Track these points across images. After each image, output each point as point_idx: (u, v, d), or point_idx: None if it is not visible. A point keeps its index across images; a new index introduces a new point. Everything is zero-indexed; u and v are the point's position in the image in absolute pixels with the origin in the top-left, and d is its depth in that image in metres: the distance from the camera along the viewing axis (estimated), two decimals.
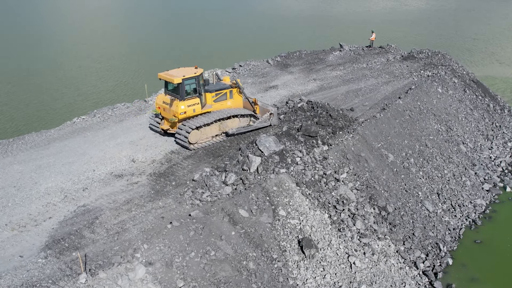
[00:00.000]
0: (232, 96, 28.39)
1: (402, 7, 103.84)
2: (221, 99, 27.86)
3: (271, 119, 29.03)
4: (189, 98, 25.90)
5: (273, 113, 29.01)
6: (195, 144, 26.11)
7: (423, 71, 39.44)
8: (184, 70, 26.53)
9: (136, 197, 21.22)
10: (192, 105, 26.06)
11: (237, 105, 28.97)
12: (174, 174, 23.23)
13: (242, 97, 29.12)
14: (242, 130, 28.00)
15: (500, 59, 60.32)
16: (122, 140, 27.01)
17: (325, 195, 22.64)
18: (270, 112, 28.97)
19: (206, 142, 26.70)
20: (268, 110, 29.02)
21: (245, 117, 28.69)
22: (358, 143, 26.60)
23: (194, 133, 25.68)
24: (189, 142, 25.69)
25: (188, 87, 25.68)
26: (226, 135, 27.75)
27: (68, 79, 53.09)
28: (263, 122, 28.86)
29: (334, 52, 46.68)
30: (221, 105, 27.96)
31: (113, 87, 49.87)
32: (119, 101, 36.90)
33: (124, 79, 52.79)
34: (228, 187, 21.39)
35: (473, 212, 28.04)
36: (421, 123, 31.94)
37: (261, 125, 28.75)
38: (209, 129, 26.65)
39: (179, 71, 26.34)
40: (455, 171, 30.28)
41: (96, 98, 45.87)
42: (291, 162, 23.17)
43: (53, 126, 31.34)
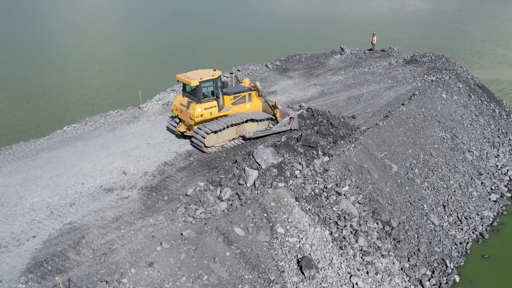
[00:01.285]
0: (251, 99, 27.91)
1: (407, 8, 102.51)
2: (239, 102, 27.42)
3: (291, 123, 28.11)
4: (206, 100, 25.55)
5: (294, 117, 28.01)
6: (211, 148, 25.77)
7: (427, 75, 38.26)
8: (202, 72, 26.15)
9: (126, 213, 20.06)
10: (209, 108, 25.71)
11: (256, 109, 28.43)
12: (166, 187, 22.06)
13: (261, 100, 28.44)
14: (260, 134, 27.33)
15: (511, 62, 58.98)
16: (113, 150, 25.85)
17: (326, 210, 21.46)
18: (290, 116, 28.04)
19: (222, 146, 26.39)
20: (288, 114, 28.10)
21: (263, 121, 27.94)
22: (360, 153, 25.41)
23: (210, 137, 25.40)
24: (205, 146, 25.33)
25: (205, 90, 25.36)
26: (243, 138, 27.12)
27: (68, 83, 51.86)
28: (283, 126, 28.04)
29: (335, 55, 45.49)
30: (239, 108, 27.48)
31: (110, 92, 48.67)
32: (112, 108, 35.67)
33: (120, 84, 51.55)
34: (223, 202, 20.22)
35: (480, 224, 26.86)
36: (426, 131, 30.76)
37: (280, 129, 27.93)
38: (226, 132, 26.28)
39: (197, 73, 25.98)
40: (461, 181, 29.09)
41: (91, 104, 44.70)
42: (290, 175, 21.98)
43: (46, 133, 30.19)
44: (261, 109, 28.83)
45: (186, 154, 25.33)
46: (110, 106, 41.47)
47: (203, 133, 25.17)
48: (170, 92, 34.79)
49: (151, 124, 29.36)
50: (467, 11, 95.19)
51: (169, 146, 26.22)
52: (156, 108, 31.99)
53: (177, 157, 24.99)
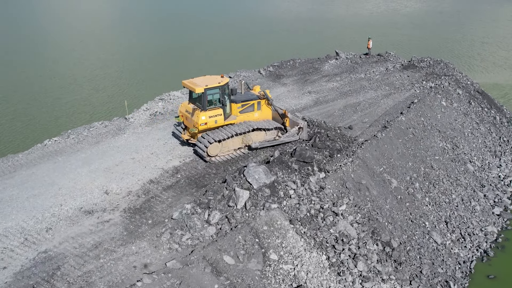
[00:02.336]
0: (260, 107, 26.83)
1: (404, 9, 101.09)
2: (247, 110, 26.45)
3: (300, 133, 26.89)
4: (212, 108, 24.69)
5: (303, 127, 26.78)
6: (215, 157, 24.93)
7: (425, 81, 36.91)
8: (208, 78, 25.36)
9: (106, 239, 18.51)
10: (214, 116, 24.82)
11: (265, 117, 27.31)
12: (151, 209, 20.52)
13: (271, 109, 27.32)
14: (266, 144, 26.18)
15: None
16: (96, 166, 24.27)
17: (322, 233, 19.98)
18: (299, 126, 26.77)
19: (227, 155, 25.42)
20: (297, 124, 26.81)
21: (271, 130, 26.67)
22: (358, 168, 23.98)
23: (214, 146, 24.50)
24: (208, 155, 24.52)
25: (211, 97, 24.50)
26: (249, 148, 26.08)
27: (59, 89, 50.16)
28: (291, 136, 26.82)
29: (330, 60, 44.04)
30: (247, 117, 26.48)
31: (103, 99, 46.97)
32: (106, 116, 34.06)
33: (113, 90, 49.80)
34: (212, 227, 18.72)
35: (485, 241, 25.52)
36: (426, 142, 29.38)
37: (288, 139, 26.75)
38: (230, 142, 25.30)
39: (204, 79, 25.20)
40: (463, 194, 27.73)
41: (84, 112, 42.96)
42: (284, 195, 20.49)
43: (29, 146, 28.60)
44: (271, 118, 27.63)
45: (173, 170, 23.79)
46: (103, 114, 39.83)
47: (206, 142, 24.18)
48: (158, 101, 33.22)
49: (137, 136, 27.81)
50: (465, 12, 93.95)
51: (155, 162, 24.68)
52: (143, 119, 30.42)
53: (163, 174, 23.44)
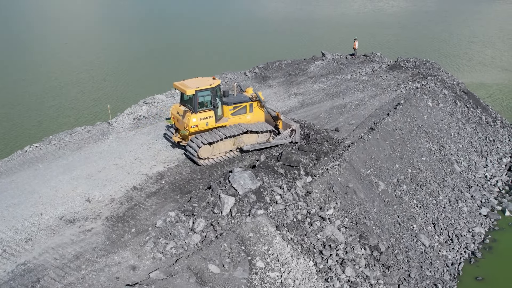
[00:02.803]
0: (252, 109, 26.61)
1: (390, 8, 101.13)
2: (239, 112, 26.20)
3: (293, 136, 26.59)
4: (203, 110, 24.41)
5: (295, 130, 26.46)
6: (206, 160, 24.58)
7: (411, 82, 36.81)
8: (200, 80, 25.14)
9: (88, 250, 18.00)
10: (205, 118, 24.52)
11: (257, 119, 27.00)
12: (134, 217, 20.03)
13: (263, 111, 27.07)
14: (258, 146, 25.88)
15: (503, 65, 57.63)
16: (78, 173, 23.69)
17: (309, 238, 19.67)
18: (292, 128, 26.48)
19: (218, 158, 25.11)
20: (290, 126, 26.56)
21: (263, 132, 26.39)
22: (345, 171, 23.72)
23: (205, 148, 24.18)
24: (199, 157, 24.13)
25: (202, 99, 24.25)
26: (240, 151, 25.75)
27: (43, 93, 49.25)
28: (283, 138, 26.57)
29: (316, 61, 43.79)
30: (239, 119, 26.21)
31: (88, 103, 46.15)
32: (82, 123, 33.42)
33: (99, 93, 48.97)
34: (197, 235, 18.31)
35: (472, 242, 25.46)
36: (412, 143, 29.26)
37: (280, 141, 26.50)
38: (222, 144, 25.06)
39: (195, 81, 24.95)
40: (451, 195, 27.64)
41: (69, 116, 42.17)
42: (270, 201, 20.14)
43: (9, 152, 27.95)
44: (264, 120, 27.38)
45: (157, 176, 23.30)
46: (88, 118, 39.10)
47: (197, 145, 23.89)
48: (143, 104, 32.68)
49: (121, 141, 27.25)
50: (451, 11, 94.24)
51: (139, 167, 24.17)
52: (126, 123, 29.86)
53: (147, 180, 22.94)
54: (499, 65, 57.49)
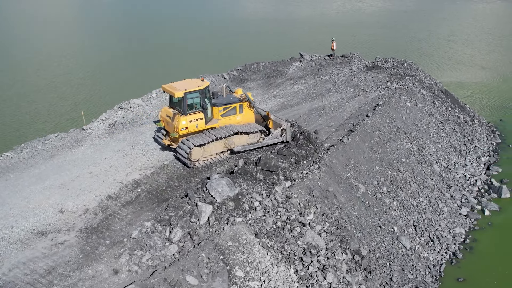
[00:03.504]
0: (242, 110, 26.61)
1: (370, 8, 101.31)
2: (229, 113, 26.17)
3: (283, 135, 26.31)
4: (192, 112, 24.39)
5: (286, 129, 26.21)
6: (197, 162, 24.48)
7: (390, 82, 36.75)
8: (188, 82, 25.22)
9: (60, 263, 17.34)
10: (194, 120, 24.51)
11: (248, 120, 26.99)
12: (109, 228, 19.40)
13: (254, 112, 27.08)
14: (249, 147, 25.87)
15: (482, 64, 57.95)
16: (50, 183, 22.94)
17: (289, 245, 19.29)
18: (282, 128, 26.21)
19: (209, 160, 25.07)
20: (280, 125, 26.34)
21: (254, 133, 26.29)
22: (325, 175, 23.42)
23: (196, 151, 24.10)
24: (190, 160, 24.02)
25: (191, 101, 24.20)
26: (231, 152, 25.71)
27: (19, 98, 47.91)
28: (274, 138, 26.34)
29: (295, 62, 43.50)
30: (230, 120, 26.18)
31: (66, 108, 44.92)
32: (60, 129, 32.46)
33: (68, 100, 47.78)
34: (174, 245, 17.78)
35: (453, 243, 25.38)
36: (392, 144, 29.13)
37: (271, 141, 26.35)
38: (212, 146, 24.95)
39: (183, 83, 24.96)
40: (431, 196, 27.57)
41: (47, 121, 40.95)
42: (249, 208, 19.70)
43: None
44: (254, 121, 27.29)
45: (133, 184, 22.68)
46: (67, 124, 38.00)
47: (187, 147, 23.69)
48: (118, 110, 31.93)
49: (95, 148, 26.54)
50: (429, 11, 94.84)
51: (114, 175, 23.51)
52: (101, 129, 29.13)
53: (122, 189, 22.31)
54: (478, 64, 57.86)
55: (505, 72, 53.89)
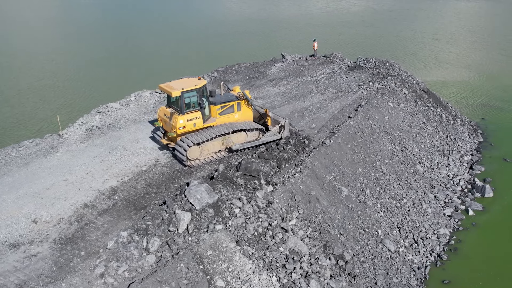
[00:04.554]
0: (240, 108, 26.55)
1: (353, 8, 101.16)
2: (227, 112, 26.16)
3: (282, 132, 26.19)
4: (190, 111, 24.44)
5: (284, 125, 26.09)
6: (195, 161, 24.47)
7: (372, 83, 36.48)
8: (185, 81, 25.51)
9: (33, 277, 16.60)
10: (192, 119, 24.55)
11: (246, 118, 26.98)
12: (84, 238, 18.70)
13: (251, 110, 27.05)
14: (247, 145, 25.78)
15: (466, 62, 57.96)
16: (24, 191, 22.13)
17: (271, 252, 18.80)
18: (280, 125, 26.06)
19: (207, 159, 25.03)
20: (279, 122, 26.19)
21: (252, 131, 26.38)
22: (307, 179, 22.98)
23: (194, 149, 24.05)
24: (188, 159, 24.00)
25: (188, 100, 24.28)
26: (229, 151, 25.62)
27: None
28: (272, 135, 26.19)
29: (276, 63, 43.06)
30: (228, 118, 26.19)
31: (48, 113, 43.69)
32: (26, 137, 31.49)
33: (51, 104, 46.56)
34: (151, 255, 17.16)
35: (437, 244, 25.11)
36: (375, 145, 28.82)
37: (270, 139, 26.31)
38: (210, 144, 24.99)
39: (180, 82, 25.19)
40: (414, 197, 27.31)
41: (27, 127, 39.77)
42: (229, 214, 19.16)
43: None
44: (252, 119, 27.31)
45: (110, 191, 21.97)
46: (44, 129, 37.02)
47: (186, 145, 23.68)
48: (95, 114, 31.13)
49: (72, 155, 25.75)
50: (413, 10, 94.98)
51: (91, 183, 22.77)
52: (78, 134, 28.32)
53: (99, 197, 21.59)
54: (461, 62, 57.90)
55: (487, 70, 54.03)
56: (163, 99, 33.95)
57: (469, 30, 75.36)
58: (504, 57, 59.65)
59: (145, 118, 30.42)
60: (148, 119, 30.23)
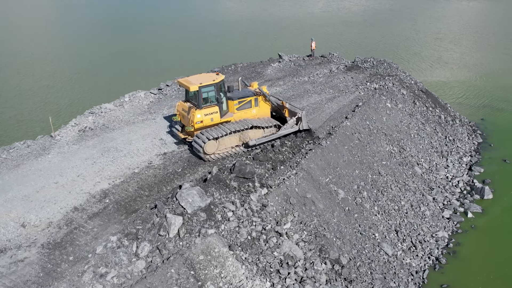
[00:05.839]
0: (257, 104, 26.82)
1: (355, 7, 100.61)
2: (245, 107, 26.39)
3: (299, 124, 26.17)
4: (207, 106, 24.75)
5: (302, 117, 26.01)
6: (212, 155, 24.59)
7: (369, 83, 35.99)
8: (203, 76, 25.71)
9: (19, 283, 16.13)
10: (209, 114, 24.86)
11: (263, 114, 27.24)
12: (73, 243, 18.21)
13: (269, 105, 27.35)
14: (264, 139, 25.72)
15: (467, 63, 57.36)
16: (13, 194, 21.63)
17: (265, 257, 18.33)
18: (297, 116, 26.00)
19: (224, 153, 25.14)
20: (295, 114, 26.09)
21: (269, 127, 26.48)
22: (303, 181, 22.49)
23: (211, 144, 24.25)
24: (205, 153, 24.16)
25: (206, 95, 24.57)
26: (245, 146, 25.65)
27: None
28: (289, 127, 26.30)
29: (273, 63, 42.59)
30: (245, 114, 26.41)
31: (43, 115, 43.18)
32: (19, 138, 31.01)
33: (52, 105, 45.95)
34: (141, 261, 16.68)
35: (436, 247, 24.67)
36: (372, 146, 28.35)
37: (287, 131, 26.48)
38: (227, 139, 25.12)
39: (199, 77, 25.39)
40: (412, 200, 26.85)
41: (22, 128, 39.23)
42: (222, 218, 18.68)
43: None
44: (269, 115, 27.57)
45: (101, 194, 21.47)
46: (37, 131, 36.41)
47: (202, 140, 23.93)
48: (89, 115, 30.63)
49: (63, 157, 25.26)
50: (416, 9, 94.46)
51: (81, 185, 22.28)
52: (71, 136, 27.83)
53: (89, 200, 21.10)
54: (461, 62, 57.35)
55: (489, 70, 53.60)
56: (157, 100, 33.50)
57: (472, 30, 74.90)
58: (507, 56, 59.15)
59: (139, 119, 29.93)
60: (142, 120, 29.76)
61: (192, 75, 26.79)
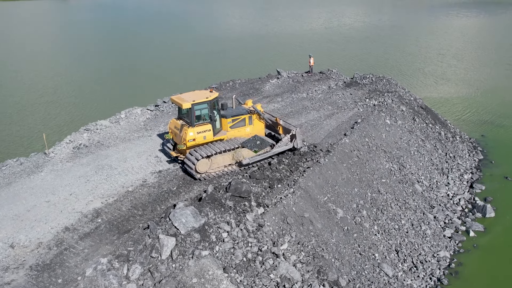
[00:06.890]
0: (251, 122, 26.47)
1: (356, 24, 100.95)
2: (238, 125, 26.06)
3: (293, 141, 25.67)
4: (200, 124, 24.31)
5: (296, 134, 25.55)
6: (204, 174, 24.08)
7: (368, 99, 35.65)
8: (197, 93, 25.41)
9: None
10: (202, 132, 24.41)
11: (257, 132, 26.81)
12: (63, 264, 17.63)
13: (263, 123, 27.09)
14: (258, 158, 25.20)
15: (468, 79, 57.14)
16: (3, 213, 21.10)
17: (261, 279, 17.70)
18: (291, 133, 25.56)
19: (217, 172, 24.62)
20: (289, 131, 25.75)
21: None
22: (300, 200, 21.96)
23: (203, 162, 23.80)
24: (197, 172, 23.71)
25: (199, 112, 24.16)
26: (239, 165, 25.15)
27: None
28: (284, 145, 25.93)
29: (271, 80, 42.31)
30: (239, 132, 26.09)
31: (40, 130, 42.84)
32: (13, 155, 30.56)
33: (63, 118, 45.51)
34: (132, 284, 16.08)
35: (437, 268, 24.00)
36: (371, 164, 27.86)
37: (281, 149, 25.93)
38: (220, 158, 24.62)
39: (192, 95, 25.08)
40: (413, 218, 26.27)
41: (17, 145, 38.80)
42: (216, 239, 18.10)
43: None
44: (264, 133, 27.27)
45: (93, 214, 20.94)
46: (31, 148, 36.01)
47: (195, 158, 23.50)
48: (84, 132, 30.20)
49: (56, 174, 24.77)
50: (418, 26, 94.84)
51: (74, 204, 21.75)
52: (65, 153, 27.38)
53: (81, 219, 20.55)
54: (464, 78, 56.97)
55: (487, 86, 53.29)
56: (154, 116, 33.10)
57: (474, 46, 74.96)
58: (508, 72, 58.96)
59: (134, 136, 29.51)
60: (138, 137, 29.33)
61: (189, 91, 26.50)
